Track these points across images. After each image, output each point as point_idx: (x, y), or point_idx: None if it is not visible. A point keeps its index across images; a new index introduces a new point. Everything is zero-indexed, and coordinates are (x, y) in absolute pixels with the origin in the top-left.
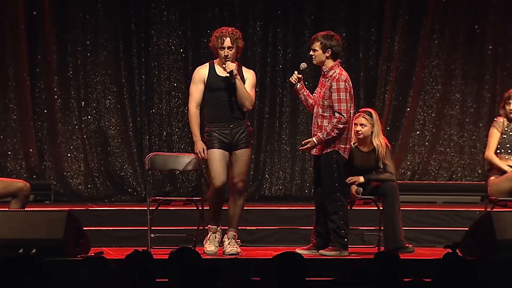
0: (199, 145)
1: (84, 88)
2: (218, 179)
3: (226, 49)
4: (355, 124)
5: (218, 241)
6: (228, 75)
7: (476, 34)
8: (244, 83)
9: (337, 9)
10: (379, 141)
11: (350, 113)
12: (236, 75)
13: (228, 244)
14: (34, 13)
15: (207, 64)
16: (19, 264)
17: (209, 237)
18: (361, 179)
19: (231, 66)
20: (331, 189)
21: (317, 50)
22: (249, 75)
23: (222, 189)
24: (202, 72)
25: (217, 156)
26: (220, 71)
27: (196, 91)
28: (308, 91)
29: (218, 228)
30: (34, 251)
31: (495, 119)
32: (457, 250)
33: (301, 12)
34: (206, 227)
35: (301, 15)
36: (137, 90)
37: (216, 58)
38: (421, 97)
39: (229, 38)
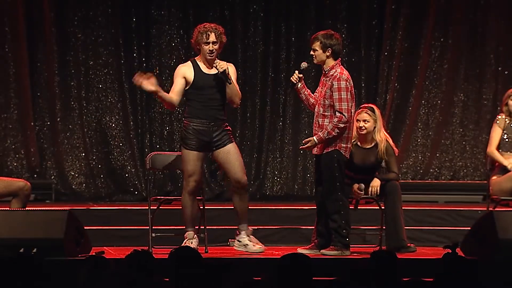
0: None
1: (85, 87)
2: (192, 179)
3: (211, 43)
4: (357, 120)
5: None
6: (217, 72)
7: (477, 33)
8: None
9: (338, 8)
10: (381, 136)
11: (351, 112)
12: (229, 73)
13: (251, 241)
14: (34, 12)
15: (189, 62)
16: (19, 264)
17: (185, 243)
18: (377, 181)
19: (223, 65)
20: (332, 189)
21: (317, 50)
22: (232, 70)
23: (197, 190)
24: (187, 70)
25: (192, 157)
26: (205, 69)
27: (178, 83)
28: (309, 90)
29: (195, 236)
30: (34, 250)
31: (498, 116)
32: (457, 250)
33: (303, 11)
34: (207, 227)
35: (303, 13)
36: (138, 89)
37: (195, 56)
38: (423, 96)
39: (213, 33)
